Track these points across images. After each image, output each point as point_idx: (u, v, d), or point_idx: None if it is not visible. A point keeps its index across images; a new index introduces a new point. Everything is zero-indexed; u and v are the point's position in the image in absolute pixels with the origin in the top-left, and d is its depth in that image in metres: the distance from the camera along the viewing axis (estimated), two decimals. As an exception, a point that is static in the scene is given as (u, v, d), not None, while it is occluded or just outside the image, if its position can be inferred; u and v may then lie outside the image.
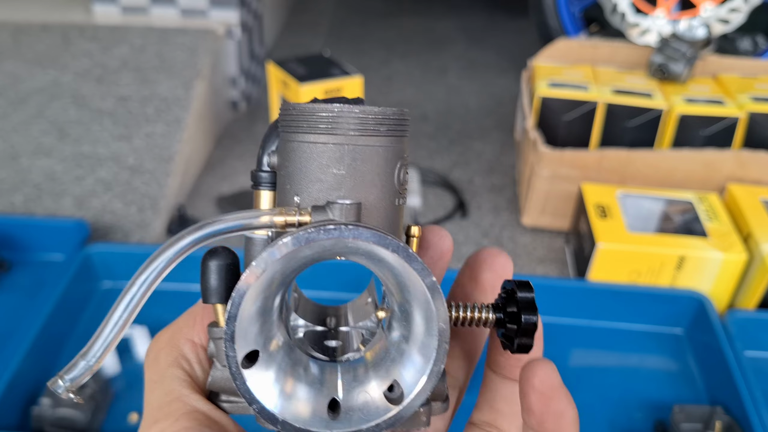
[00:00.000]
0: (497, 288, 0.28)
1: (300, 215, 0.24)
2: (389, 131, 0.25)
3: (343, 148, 0.24)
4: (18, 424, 0.77)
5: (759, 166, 1.09)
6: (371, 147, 0.25)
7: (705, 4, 1.37)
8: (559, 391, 0.25)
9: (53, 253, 1.03)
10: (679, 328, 0.95)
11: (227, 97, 1.53)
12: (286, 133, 0.25)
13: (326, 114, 0.24)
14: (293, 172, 0.25)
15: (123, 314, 0.24)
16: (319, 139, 0.24)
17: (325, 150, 0.24)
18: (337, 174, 0.24)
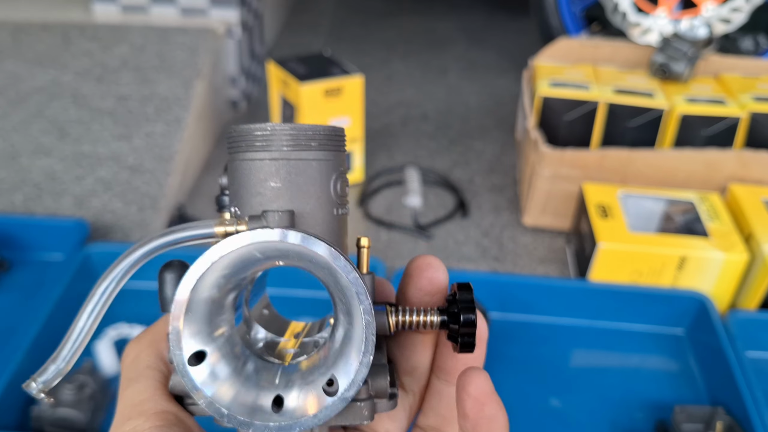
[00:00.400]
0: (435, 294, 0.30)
1: (237, 225, 0.26)
2: (321, 146, 0.27)
3: (279, 162, 0.26)
4: (17, 424, 0.77)
5: (761, 166, 1.08)
6: (304, 161, 0.27)
7: (706, 4, 1.37)
8: (491, 397, 0.26)
9: (53, 253, 1.03)
10: (680, 328, 0.95)
11: (227, 96, 1.52)
12: (231, 155, 0.27)
13: (261, 133, 0.26)
14: (237, 188, 0.27)
15: (88, 320, 0.26)
16: (257, 156, 0.26)
17: (262, 165, 0.26)
18: (274, 187, 0.26)
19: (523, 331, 0.94)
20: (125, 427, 0.26)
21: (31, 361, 0.80)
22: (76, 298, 0.93)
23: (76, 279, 0.92)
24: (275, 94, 1.26)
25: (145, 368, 0.28)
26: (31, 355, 0.80)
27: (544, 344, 0.93)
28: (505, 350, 0.91)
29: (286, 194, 0.26)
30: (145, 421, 0.26)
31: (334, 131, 0.27)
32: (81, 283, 0.94)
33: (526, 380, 0.87)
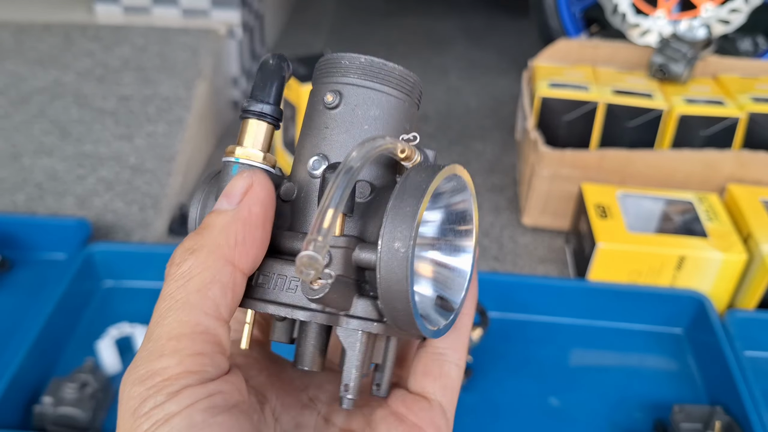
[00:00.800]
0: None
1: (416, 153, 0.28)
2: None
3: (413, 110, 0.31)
4: (20, 422, 0.77)
5: (759, 166, 1.09)
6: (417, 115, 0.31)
7: (705, 5, 1.38)
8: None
9: (55, 252, 1.03)
10: (679, 327, 0.95)
11: (229, 96, 1.53)
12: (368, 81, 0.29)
13: (411, 80, 0.30)
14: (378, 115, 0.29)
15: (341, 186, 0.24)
16: (402, 97, 0.30)
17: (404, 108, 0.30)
18: (406, 128, 0.30)
19: (522, 331, 0.94)
20: (155, 364, 0.24)
21: (32, 360, 0.81)
22: (77, 297, 0.93)
23: (78, 278, 0.93)
24: (276, 95, 1.26)
25: (196, 291, 0.25)
26: (32, 354, 0.80)
27: (544, 344, 0.93)
28: (505, 350, 0.91)
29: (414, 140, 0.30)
30: (178, 364, 0.24)
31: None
32: (83, 282, 0.94)
33: (526, 380, 0.87)
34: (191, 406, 0.23)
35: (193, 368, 0.24)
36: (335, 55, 0.30)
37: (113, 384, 0.83)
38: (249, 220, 0.27)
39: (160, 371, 0.24)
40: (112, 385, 0.83)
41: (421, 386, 0.30)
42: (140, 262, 0.98)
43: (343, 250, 0.27)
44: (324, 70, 0.30)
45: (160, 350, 0.24)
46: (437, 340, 0.30)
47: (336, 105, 0.29)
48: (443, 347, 0.30)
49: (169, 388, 0.24)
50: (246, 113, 0.30)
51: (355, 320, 0.27)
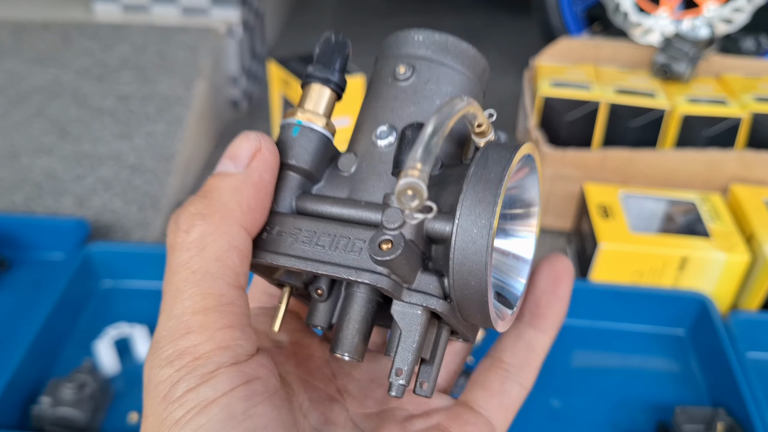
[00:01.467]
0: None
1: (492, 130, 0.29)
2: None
3: (481, 92, 0.31)
4: (17, 423, 0.77)
5: (762, 166, 1.08)
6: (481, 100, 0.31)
7: (708, 4, 1.37)
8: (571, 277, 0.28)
9: (53, 252, 1.03)
10: (682, 329, 0.95)
11: (228, 96, 1.52)
12: (442, 57, 0.29)
13: (482, 63, 0.30)
14: (447, 92, 0.29)
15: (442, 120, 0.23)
16: (473, 78, 0.30)
17: (474, 88, 0.30)
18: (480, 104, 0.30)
19: (523, 332, 0.94)
20: (183, 341, 0.22)
21: (31, 360, 0.80)
22: (76, 297, 0.93)
23: (77, 278, 0.92)
24: (276, 94, 1.26)
25: (215, 260, 0.23)
26: (31, 354, 0.80)
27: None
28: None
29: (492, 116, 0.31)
30: (208, 340, 0.22)
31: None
32: (81, 282, 0.94)
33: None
34: (229, 393, 0.21)
35: (225, 343, 0.22)
36: (408, 30, 0.30)
37: (112, 385, 0.83)
38: (259, 186, 0.25)
39: (190, 349, 0.22)
40: (111, 386, 0.82)
41: (475, 399, 0.27)
42: (139, 262, 0.98)
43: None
44: (395, 44, 0.30)
45: (186, 326, 0.22)
46: (508, 354, 0.28)
47: (408, 77, 0.29)
48: (510, 363, 0.27)
49: (203, 368, 0.21)
50: (310, 77, 0.29)
51: (418, 294, 0.25)
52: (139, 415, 0.80)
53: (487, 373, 0.28)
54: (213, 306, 0.22)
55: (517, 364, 0.27)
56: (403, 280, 0.25)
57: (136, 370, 0.86)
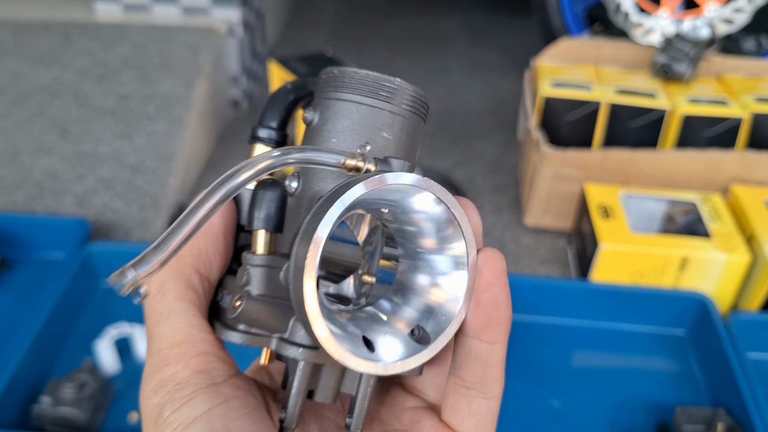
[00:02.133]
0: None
1: (368, 163, 0.25)
2: (424, 113, 0.29)
3: (395, 117, 0.28)
4: (18, 422, 0.77)
5: (763, 166, 1.08)
6: (412, 122, 0.28)
7: (709, 4, 1.37)
8: (502, 278, 0.25)
9: (54, 252, 1.03)
10: (682, 329, 0.95)
11: (229, 95, 1.52)
12: (337, 93, 0.28)
13: (388, 85, 0.28)
14: (345, 127, 0.27)
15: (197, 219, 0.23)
16: (377, 104, 0.27)
17: (380, 115, 0.27)
18: (386, 138, 0.27)
19: (524, 332, 0.94)
20: (164, 372, 0.25)
21: (31, 359, 0.80)
22: (76, 297, 0.93)
23: (77, 278, 0.92)
24: (277, 94, 1.26)
25: (174, 300, 0.26)
26: (31, 354, 0.80)
27: (545, 345, 0.93)
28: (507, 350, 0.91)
29: (393, 147, 0.28)
30: (185, 367, 0.25)
31: (427, 102, 0.30)
32: (82, 282, 0.94)
33: (527, 381, 0.87)
34: (209, 411, 0.24)
35: (200, 368, 0.25)
36: (325, 69, 0.29)
37: (112, 384, 0.83)
38: (209, 231, 0.27)
39: (170, 378, 0.25)
40: (111, 386, 0.82)
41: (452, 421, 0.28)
42: (140, 262, 0.97)
43: (265, 269, 0.26)
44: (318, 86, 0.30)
45: (165, 360, 0.25)
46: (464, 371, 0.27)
47: (310, 122, 0.28)
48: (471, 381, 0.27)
49: (183, 391, 0.24)
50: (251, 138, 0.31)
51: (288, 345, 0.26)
52: (139, 414, 0.80)
53: (454, 395, 0.28)
54: (184, 339, 0.26)
55: (478, 381, 0.27)
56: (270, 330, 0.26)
57: (137, 370, 0.86)
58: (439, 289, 0.26)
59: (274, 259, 0.26)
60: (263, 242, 0.26)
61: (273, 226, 0.26)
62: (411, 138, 0.28)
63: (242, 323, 0.26)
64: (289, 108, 0.30)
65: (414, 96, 0.28)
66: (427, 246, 0.26)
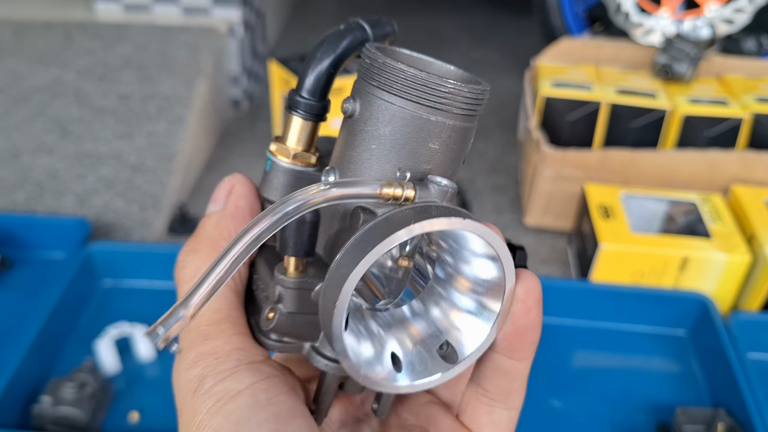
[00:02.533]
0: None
1: (406, 189, 0.23)
2: (478, 112, 0.25)
3: (445, 125, 0.24)
4: (18, 422, 0.77)
5: (763, 167, 1.08)
6: (465, 127, 0.25)
7: (709, 4, 1.37)
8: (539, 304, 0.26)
9: (54, 251, 1.03)
10: (682, 329, 0.95)
11: (229, 95, 1.52)
12: (381, 89, 0.24)
13: (440, 89, 0.24)
14: (386, 134, 0.24)
15: (225, 269, 0.23)
16: (424, 112, 0.24)
17: (427, 124, 0.24)
18: (431, 148, 0.24)
19: (524, 332, 0.94)
20: (204, 346, 0.25)
21: (32, 359, 0.80)
22: (77, 296, 0.93)
23: (78, 277, 0.92)
24: (277, 93, 1.26)
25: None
26: (32, 354, 0.80)
27: (546, 345, 0.92)
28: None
29: (439, 157, 0.25)
30: (225, 343, 0.26)
31: (487, 94, 0.26)
32: (82, 281, 0.94)
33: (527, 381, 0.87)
34: (253, 385, 0.24)
35: (240, 345, 0.26)
36: (368, 49, 0.26)
37: (112, 384, 0.83)
38: (236, 215, 0.28)
39: (210, 351, 0.25)
40: (111, 385, 0.82)
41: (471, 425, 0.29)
42: (140, 262, 0.98)
43: (296, 291, 0.26)
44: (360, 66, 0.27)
45: (204, 335, 0.25)
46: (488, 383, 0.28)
47: (350, 114, 0.26)
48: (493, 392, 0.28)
49: (225, 365, 0.25)
50: (288, 107, 0.28)
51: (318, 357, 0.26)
52: (139, 414, 0.80)
53: (475, 403, 0.28)
54: (223, 318, 0.26)
55: (501, 393, 0.28)
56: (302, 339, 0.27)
57: (137, 370, 0.86)
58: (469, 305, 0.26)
59: (304, 282, 0.26)
60: (294, 267, 0.26)
61: (303, 252, 0.26)
62: (461, 142, 0.25)
63: (274, 333, 0.27)
64: (330, 72, 0.27)
65: (469, 98, 0.24)
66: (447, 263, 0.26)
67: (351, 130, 0.26)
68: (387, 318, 0.27)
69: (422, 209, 0.22)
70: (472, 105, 0.25)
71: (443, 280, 0.26)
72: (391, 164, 0.25)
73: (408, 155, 0.24)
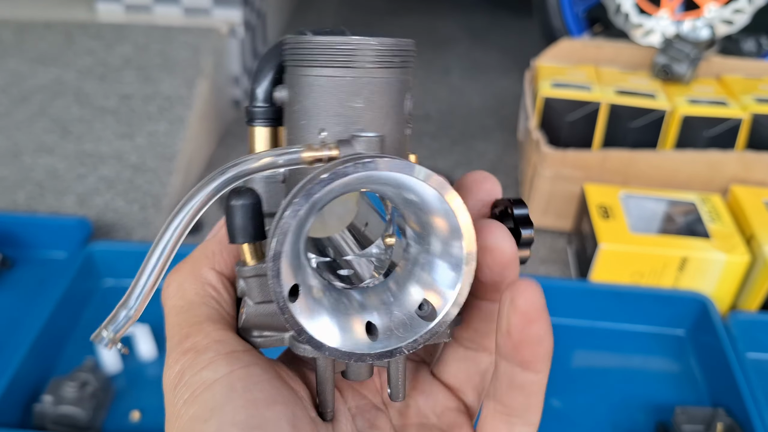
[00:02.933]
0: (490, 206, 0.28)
1: (328, 150, 0.24)
2: (402, 63, 0.25)
3: (362, 80, 0.25)
4: (20, 421, 0.77)
5: (762, 167, 1.08)
6: (386, 79, 0.25)
7: (709, 5, 1.37)
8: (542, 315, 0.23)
9: (56, 251, 1.03)
10: (682, 329, 0.95)
11: (230, 95, 1.53)
12: (299, 68, 0.25)
13: (345, 47, 0.24)
14: (309, 106, 0.25)
15: (158, 260, 0.24)
16: (337, 73, 0.24)
17: (343, 83, 0.24)
18: (356, 107, 0.25)
19: (524, 332, 0.94)
20: (184, 344, 0.25)
21: (33, 358, 0.80)
22: (78, 296, 0.93)
23: (79, 277, 0.92)
24: (278, 94, 1.26)
25: (194, 295, 0.27)
26: (33, 353, 0.80)
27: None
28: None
29: (367, 115, 0.25)
30: (205, 337, 0.25)
31: (409, 46, 0.26)
32: (83, 281, 0.94)
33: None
34: (229, 374, 0.24)
35: (220, 338, 0.25)
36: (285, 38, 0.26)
37: (113, 383, 0.83)
38: (223, 238, 0.28)
39: (190, 347, 0.25)
40: (112, 384, 0.83)
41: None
42: (141, 261, 0.97)
43: (256, 279, 0.26)
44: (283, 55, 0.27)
45: (185, 334, 0.26)
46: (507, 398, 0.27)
47: (282, 101, 0.26)
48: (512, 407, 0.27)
49: (202, 357, 0.25)
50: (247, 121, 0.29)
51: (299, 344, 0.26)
52: (140, 413, 0.80)
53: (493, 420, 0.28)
54: (203, 320, 0.26)
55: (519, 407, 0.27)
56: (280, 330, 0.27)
57: (138, 369, 0.86)
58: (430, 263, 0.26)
59: (262, 267, 0.26)
60: (249, 253, 0.26)
61: (251, 236, 0.25)
62: (389, 95, 0.25)
63: (252, 329, 0.27)
64: (276, 78, 0.27)
65: (381, 50, 0.24)
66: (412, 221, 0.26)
67: (287, 116, 0.26)
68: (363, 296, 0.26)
69: (340, 161, 0.22)
70: (386, 56, 0.25)
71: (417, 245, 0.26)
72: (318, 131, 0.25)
73: (334, 118, 0.25)
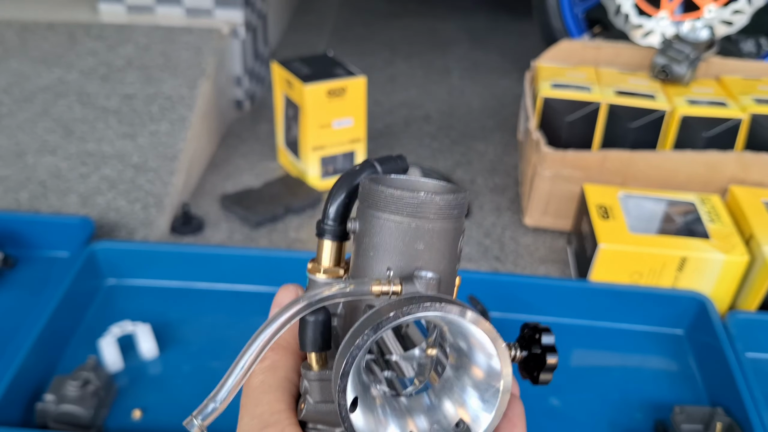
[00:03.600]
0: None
1: (394, 285, 0.28)
2: (458, 214, 0.30)
3: (424, 228, 0.29)
4: (22, 419, 0.77)
5: (761, 167, 1.09)
6: (445, 227, 0.30)
7: (708, 6, 1.38)
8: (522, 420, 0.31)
9: (58, 250, 1.04)
10: (680, 329, 0.95)
11: (231, 96, 1.53)
12: (371, 209, 0.30)
13: (413, 201, 0.29)
14: (377, 242, 0.30)
15: (245, 364, 0.28)
16: (404, 221, 0.29)
17: (408, 230, 0.29)
18: (417, 249, 0.30)
19: (523, 331, 0.94)
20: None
21: (35, 357, 0.81)
22: (80, 295, 0.94)
23: (81, 276, 0.93)
24: (279, 94, 1.27)
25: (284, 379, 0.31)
26: (35, 352, 0.81)
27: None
28: None
29: (426, 255, 0.30)
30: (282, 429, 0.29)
31: (465, 199, 0.31)
32: (85, 280, 0.95)
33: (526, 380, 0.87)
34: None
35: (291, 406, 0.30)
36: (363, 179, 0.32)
37: (116, 382, 0.83)
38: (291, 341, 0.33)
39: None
40: (115, 383, 0.83)
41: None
42: (143, 261, 0.98)
43: (319, 383, 0.30)
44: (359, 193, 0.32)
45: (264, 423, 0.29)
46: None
47: (353, 231, 0.31)
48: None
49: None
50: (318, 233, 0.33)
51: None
52: (142, 411, 0.81)
53: None
54: (284, 408, 0.30)
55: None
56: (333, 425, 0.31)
57: (140, 368, 0.87)
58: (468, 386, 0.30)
59: (325, 373, 0.30)
60: (315, 361, 0.31)
61: (319, 347, 0.30)
62: (446, 240, 0.30)
63: (308, 422, 0.31)
64: (346, 202, 0.33)
65: (441, 205, 0.29)
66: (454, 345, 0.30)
67: (356, 244, 0.31)
68: (407, 403, 0.31)
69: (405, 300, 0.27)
70: (446, 210, 0.30)
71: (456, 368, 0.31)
72: (385, 266, 0.30)
73: (398, 257, 0.30)
